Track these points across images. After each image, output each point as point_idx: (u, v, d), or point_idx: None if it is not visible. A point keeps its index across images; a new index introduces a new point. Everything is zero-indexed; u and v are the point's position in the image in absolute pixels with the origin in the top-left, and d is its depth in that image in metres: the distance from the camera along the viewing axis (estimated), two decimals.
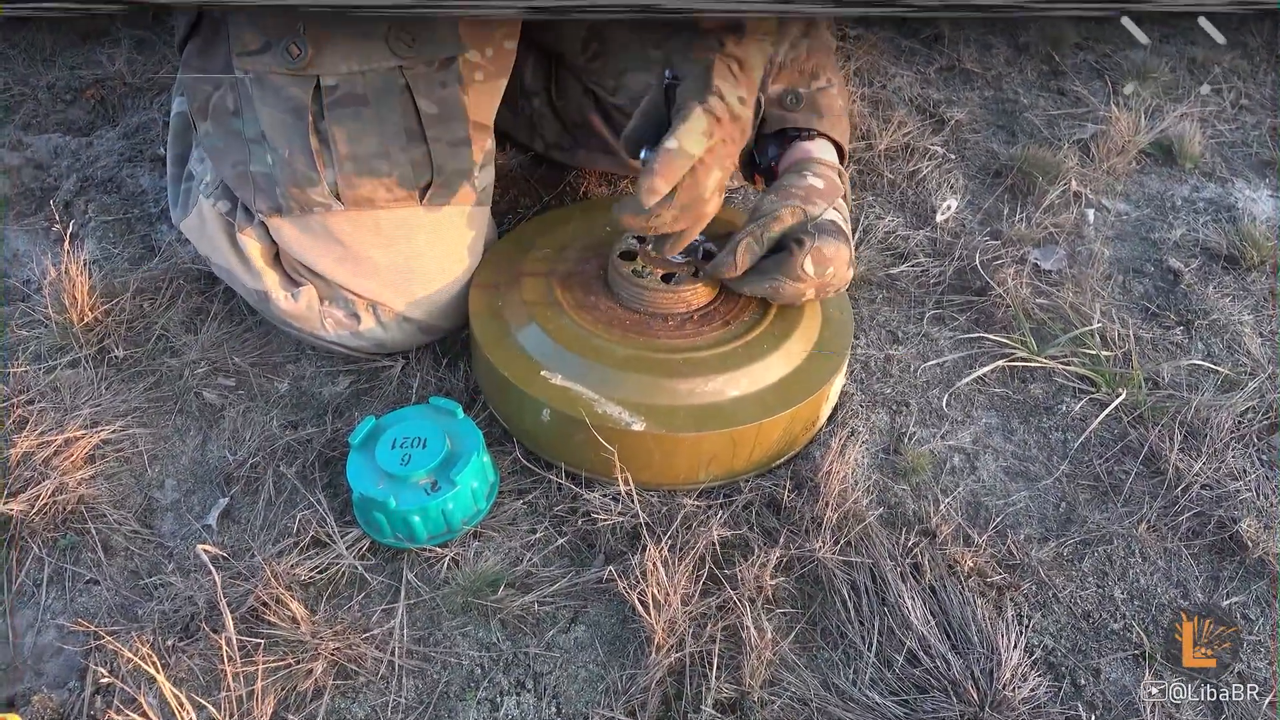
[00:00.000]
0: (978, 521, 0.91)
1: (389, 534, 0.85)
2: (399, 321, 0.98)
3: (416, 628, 0.81)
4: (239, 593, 0.80)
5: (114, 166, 1.32)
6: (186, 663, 0.77)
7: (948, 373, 1.06)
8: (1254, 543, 0.88)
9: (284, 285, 0.98)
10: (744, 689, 0.75)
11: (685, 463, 0.88)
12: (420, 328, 0.99)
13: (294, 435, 0.96)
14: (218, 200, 0.99)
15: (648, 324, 0.93)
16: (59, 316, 1.03)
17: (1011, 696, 0.74)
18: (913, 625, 0.78)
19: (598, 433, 0.85)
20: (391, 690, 0.76)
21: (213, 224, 0.99)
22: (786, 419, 0.89)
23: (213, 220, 0.99)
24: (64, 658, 0.78)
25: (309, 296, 0.97)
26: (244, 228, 0.97)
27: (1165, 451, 0.95)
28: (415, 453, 0.85)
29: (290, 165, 0.91)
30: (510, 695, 0.76)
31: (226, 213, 0.99)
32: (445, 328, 1.02)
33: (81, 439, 0.92)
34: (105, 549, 0.86)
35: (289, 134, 0.91)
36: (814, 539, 0.85)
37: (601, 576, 0.84)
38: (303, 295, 0.97)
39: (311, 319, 0.98)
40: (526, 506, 0.90)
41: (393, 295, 0.96)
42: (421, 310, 0.97)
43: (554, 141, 1.23)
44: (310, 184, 0.91)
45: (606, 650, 0.80)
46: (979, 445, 0.98)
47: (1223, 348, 1.10)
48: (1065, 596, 0.85)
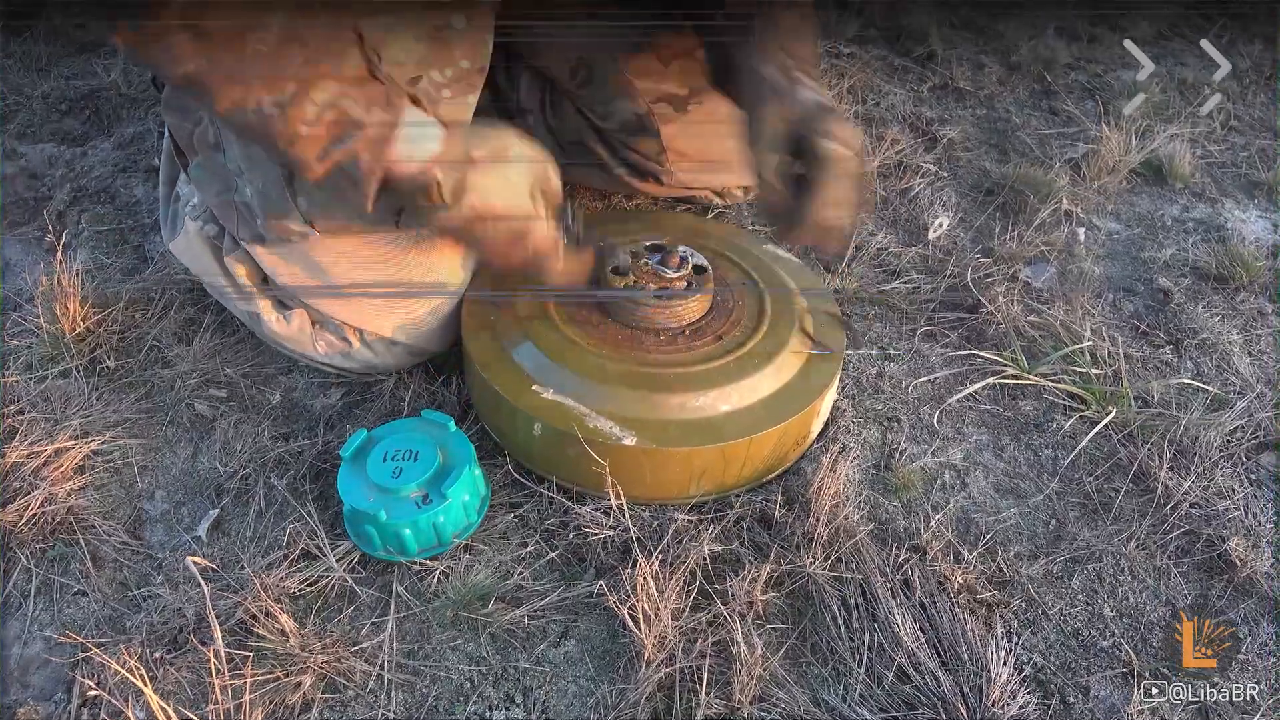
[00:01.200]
0: (968, 538, 0.91)
1: (379, 547, 0.84)
2: (386, 345, 0.97)
3: (406, 641, 0.81)
4: (228, 605, 0.80)
5: (108, 177, 1.32)
6: (174, 675, 0.77)
7: (939, 389, 1.07)
8: (1242, 561, 0.88)
9: (275, 307, 0.98)
10: (734, 705, 0.75)
11: (676, 477, 0.88)
12: (408, 350, 0.99)
13: (285, 447, 0.95)
14: (205, 224, 0.98)
15: (640, 339, 0.93)
16: (50, 326, 1.03)
17: (1000, 714, 0.74)
18: (903, 642, 0.78)
19: (589, 447, 0.85)
20: (380, 704, 0.76)
21: (200, 246, 0.98)
22: (777, 434, 0.89)
23: (200, 243, 0.98)
24: (51, 669, 0.78)
25: (301, 319, 0.97)
26: (231, 252, 0.97)
27: (1154, 470, 0.96)
28: (407, 465, 0.85)
29: (265, 196, 0.90)
30: (500, 709, 0.76)
31: (214, 236, 0.98)
32: (433, 350, 1.01)
33: (71, 449, 0.92)
34: (94, 560, 0.85)
35: (262, 166, 0.90)
36: (805, 554, 0.85)
37: (592, 591, 0.83)
38: (294, 317, 0.97)
39: (304, 340, 0.98)
40: (518, 520, 0.90)
41: (377, 321, 0.96)
42: (407, 334, 0.97)
43: None
44: (285, 214, 0.90)
45: (596, 665, 0.80)
46: (969, 462, 0.99)
47: (1212, 367, 1.11)
48: (1055, 614, 0.85)
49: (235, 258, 0.96)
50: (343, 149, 0.75)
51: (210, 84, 0.71)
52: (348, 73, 0.74)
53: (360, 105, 0.74)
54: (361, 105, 0.74)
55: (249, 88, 0.71)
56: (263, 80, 0.71)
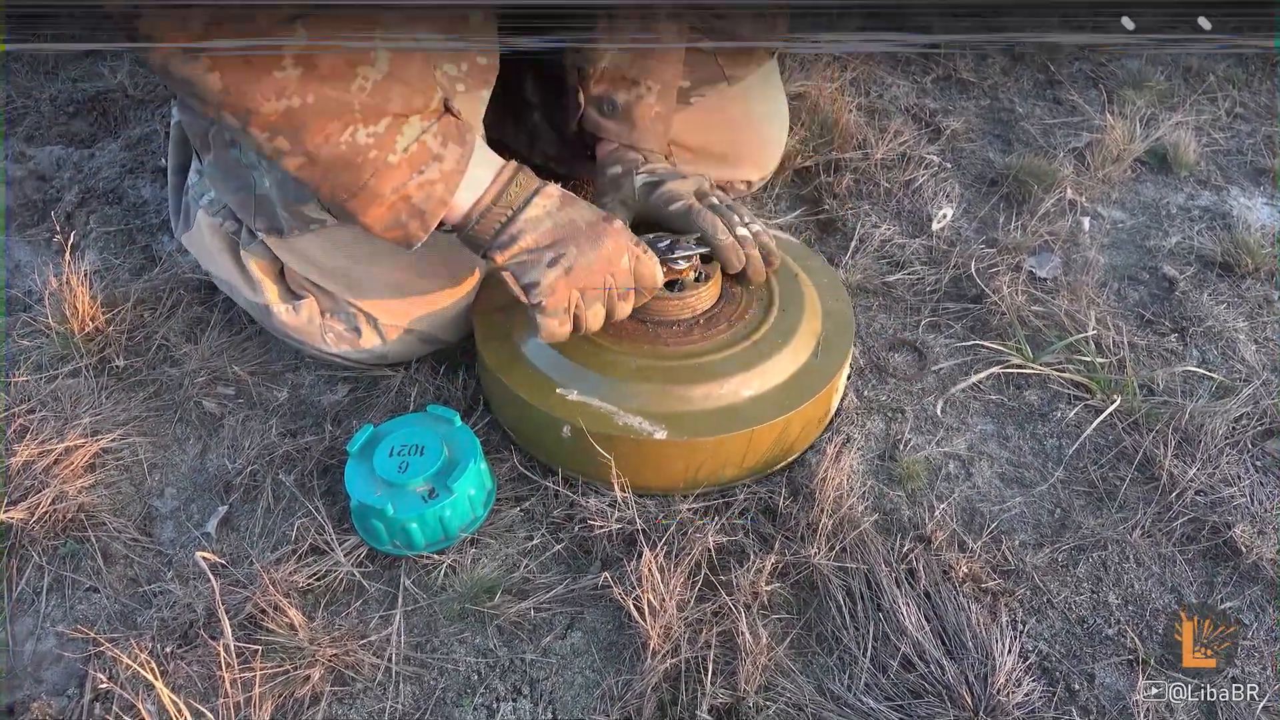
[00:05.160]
0: (973, 527, 0.91)
1: (387, 541, 0.85)
2: (400, 333, 0.98)
3: (414, 634, 0.81)
4: (237, 600, 0.81)
5: (115, 178, 1.33)
6: (185, 669, 0.77)
7: (943, 379, 1.07)
8: (1248, 548, 0.88)
9: (285, 298, 0.98)
10: (739, 694, 0.76)
11: (709, 465, 0.89)
12: (421, 338, 1.00)
13: (293, 443, 0.96)
14: (225, 220, 0.99)
15: (656, 332, 0.94)
16: (60, 327, 1.04)
17: (1006, 701, 0.74)
18: (907, 631, 0.79)
19: (619, 444, 0.86)
20: (388, 696, 0.77)
21: (213, 239, 0.99)
22: (802, 414, 0.90)
23: (214, 235, 0.99)
24: (63, 665, 0.79)
25: (310, 310, 0.98)
26: (248, 244, 0.98)
27: (1160, 457, 0.95)
28: (413, 460, 0.85)
29: (284, 184, 0.91)
30: (507, 701, 0.77)
31: (233, 232, 0.99)
32: (447, 340, 1.02)
33: (82, 447, 0.93)
34: (105, 557, 0.86)
35: None
36: (809, 545, 0.85)
37: (597, 583, 0.84)
38: (303, 308, 0.98)
39: (312, 332, 0.98)
40: (523, 513, 0.91)
41: (394, 307, 0.97)
42: (424, 322, 0.98)
43: (552, 154, 1.24)
44: (304, 200, 0.91)
45: (602, 656, 0.80)
46: (974, 452, 0.99)
47: (1217, 354, 1.11)
48: (1060, 602, 0.85)
49: (251, 252, 0.97)
50: (420, 179, 0.78)
51: (304, 119, 0.73)
52: (431, 105, 0.78)
53: (438, 139, 0.78)
54: (439, 139, 0.78)
55: (346, 121, 0.74)
56: (362, 113, 0.74)
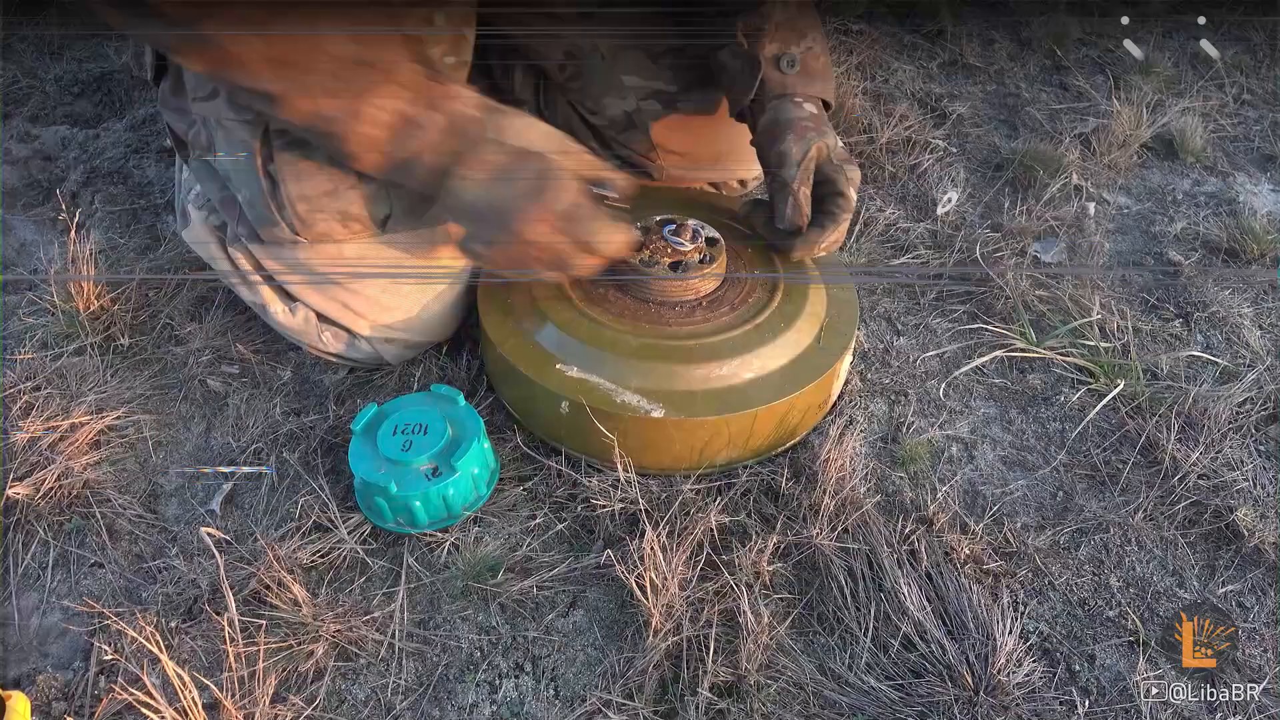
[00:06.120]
0: (975, 509, 0.91)
1: (390, 519, 0.85)
2: (383, 341, 0.98)
3: (417, 611, 0.82)
4: (241, 576, 0.81)
5: (120, 158, 1.33)
6: (190, 643, 0.78)
7: (946, 363, 1.07)
8: (1250, 531, 0.88)
9: (281, 299, 0.98)
10: (741, 673, 0.76)
11: (708, 445, 0.89)
12: (406, 345, 1.00)
13: (297, 422, 0.96)
14: (209, 214, 0.99)
15: (659, 313, 0.94)
16: (65, 305, 1.04)
17: (1006, 681, 0.75)
18: (909, 611, 0.79)
19: (617, 422, 0.86)
20: (391, 672, 0.77)
21: (206, 236, 0.99)
22: (802, 399, 0.90)
23: (205, 233, 0.99)
24: (69, 639, 0.79)
25: (306, 310, 0.98)
26: (234, 243, 0.97)
27: (1162, 441, 0.96)
28: (417, 439, 0.86)
29: (252, 206, 0.91)
30: (509, 678, 0.77)
31: (219, 226, 0.99)
32: (432, 342, 1.02)
33: (87, 425, 0.93)
34: (110, 533, 0.87)
35: (246, 176, 0.90)
36: (811, 525, 0.86)
37: (600, 561, 0.84)
38: (300, 310, 0.97)
39: (309, 332, 0.98)
40: (526, 492, 0.91)
41: (373, 319, 0.97)
42: (402, 330, 0.98)
43: None
44: (271, 223, 0.91)
45: (604, 634, 0.81)
46: (977, 435, 0.99)
47: (1221, 340, 1.11)
48: (1061, 584, 0.85)
49: (237, 249, 0.97)
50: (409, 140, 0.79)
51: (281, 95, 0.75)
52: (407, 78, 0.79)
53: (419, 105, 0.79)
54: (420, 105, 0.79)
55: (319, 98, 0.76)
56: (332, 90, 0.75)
